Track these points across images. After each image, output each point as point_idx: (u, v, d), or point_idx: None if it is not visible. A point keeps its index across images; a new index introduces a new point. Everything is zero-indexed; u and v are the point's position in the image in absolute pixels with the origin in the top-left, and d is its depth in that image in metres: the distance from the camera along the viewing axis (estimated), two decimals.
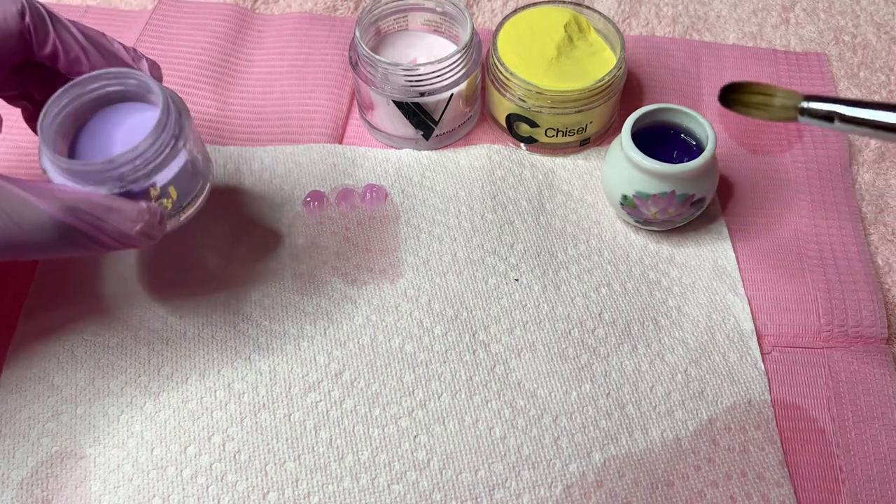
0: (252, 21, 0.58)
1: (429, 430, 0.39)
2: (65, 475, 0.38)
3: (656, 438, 0.39)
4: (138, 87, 0.37)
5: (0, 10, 0.34)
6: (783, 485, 0.38)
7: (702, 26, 0.58)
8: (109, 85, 0.37)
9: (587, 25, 0.50)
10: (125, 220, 0.33)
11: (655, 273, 0.45)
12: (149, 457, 0.38)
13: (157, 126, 0.35)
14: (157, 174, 0.35)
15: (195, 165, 0.38)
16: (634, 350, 0.42)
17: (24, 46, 0.36)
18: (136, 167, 0.34)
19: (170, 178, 0.36)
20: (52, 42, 0.36)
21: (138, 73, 0.36)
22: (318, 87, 0.54)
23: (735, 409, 0.40)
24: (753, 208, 0.48)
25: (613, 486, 0.38)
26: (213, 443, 0.39)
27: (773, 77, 0.54)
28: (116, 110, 0.38)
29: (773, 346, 0.43)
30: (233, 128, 0.52)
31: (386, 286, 0.44)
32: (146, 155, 0.34)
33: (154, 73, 0.38)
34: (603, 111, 0.49)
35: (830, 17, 0.58)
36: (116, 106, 0.38)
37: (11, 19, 0.34)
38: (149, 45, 0.55)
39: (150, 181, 0.35)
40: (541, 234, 0.46)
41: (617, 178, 0.44)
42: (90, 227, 0.32)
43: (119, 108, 0.38)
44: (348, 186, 0.48)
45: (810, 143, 0.51)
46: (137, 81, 0.37)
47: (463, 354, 0.42)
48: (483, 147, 0.50)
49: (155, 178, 0.35)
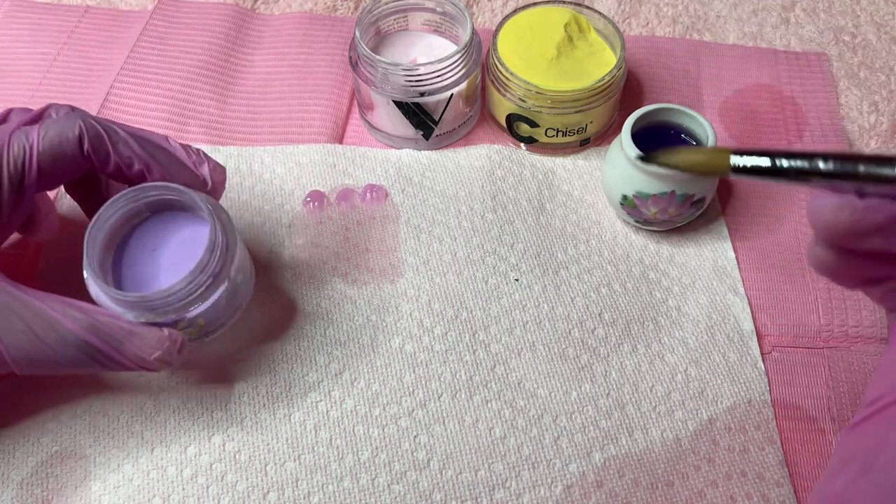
0: (252, 21, 0.58)
1: (429, 430, 0.39)
2: (65, 475, 0.38)
3: (656, 438, 0.39)
4: (192, 202, 0.36)
5: (59, 136, 0.35)
6: (783, 485, 0.38)
7: (702, 26, 0.58)
8: (163, 195, 0.37)
9: (587, 25, 0.50)
10: (145, 346, 0.34)
11: (655, 273, 0.45)
12: (149, 457, 0.38)
13: (197, 267, 0.34)
14: (187, 310, 0.35)
15: (232, 296, 0.37)
16: (634, 350, 0.42)
17: (85, 166, 0.36)
18: (168, 303, 0.34)
19: (200, 312, 0.36)
20: (114, 162, 0.36)
21: (193, 193, 0.36)
22: (318, 87, 0.53)
23: (735, 410, 0.40)
24: (753, 208, 0.48)
25: (613, 485, 0.38)
26: (213, 443, 0.39)
27: (773, 77, 0.54)
28: (168, 219, 0.38)
29: (773, 346, 0.43)
30: (233, 128, 0.52)
31: (386, 286, 0.44)
32: (179, 294, 0.34)
33: (215, 175, 0.38)
34: (603, 111, 0.49)
35: (830, 17, 0.58)
36: (170, 214, 0.38)
37: (69, 144, 0.35)
38: (149, 45, 0.55)
39: (180, 316, 0.35)
40: (541, 233, 0.46)
41: (617, 178, 0.44)
42: (110, 349, 0.33)
43: (172, 217, 0.38)
44: (348, 186, 0.48)
45: (810, 144, 0.51)
46: (191, 199, 0.36)
47: (463, 354, 0.42)
48: (483, 147, 0.50)
49: (185, 313, 0.35)
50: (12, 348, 0.33)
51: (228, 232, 0.36)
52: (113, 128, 0.36)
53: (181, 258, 0.36)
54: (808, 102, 0.53)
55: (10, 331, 0.32)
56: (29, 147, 0.34)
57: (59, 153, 0.35)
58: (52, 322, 0.33)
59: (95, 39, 0.57)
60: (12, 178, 0.34)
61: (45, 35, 0.57)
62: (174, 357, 0.35)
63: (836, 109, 0.53)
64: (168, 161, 0.37)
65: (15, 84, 0.54)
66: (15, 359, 0.33)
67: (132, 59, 0.54)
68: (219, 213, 0.36)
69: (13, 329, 0.32)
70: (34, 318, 0.33)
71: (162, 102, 0.52)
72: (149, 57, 0.54)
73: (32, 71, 0.54)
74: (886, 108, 0.53)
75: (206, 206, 0.35)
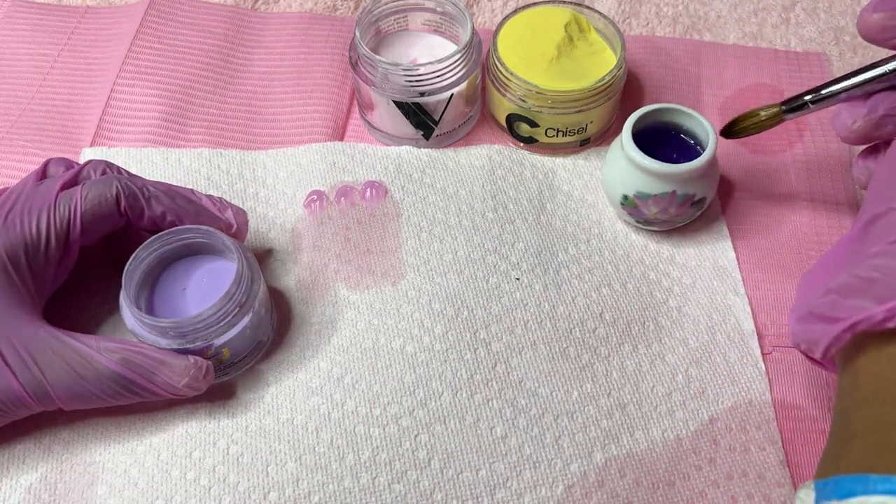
0: (252, 21, 0.58)
1: (429, 430, 0.39)
2: (73, 480, 0.38)
3: (657, 438, 0.39)
4: (220, 243, 0.40)
5: (99, 197, 0.39)
6: (784, 485, 0.38)
7: (702, 26, 0.58)
8: (194, 238, 0.40)
9: (587, 25, 0.50)
10: (174, 374, 0.37)
11: (656, 273, 0.45)
12: (155, 461, 0.38)
13: (225, 296, 0.38)
14: (215, 337, 0.38)
15: (255, 328, 0.40)
16: (635, 350, 0.42)
17: (121, 222, 0.40)
18: (197, 329, 0.37)
19: (225, 341, 0.39)
20: (148, 217, 0.40)
21: (222, 236, 0.40)
22: (318, 87, 0.53)
23: (736, 410, 0.40)
24: (754, 208, 0.48)
25: (614, 485, 0.38)
26: (217, 447, 0.39)
27: (773, 77, 0.54)
28: (195, 261, 0.41)
29: (773, 346, 0.43)
30: (232, 128, 0.52)
31: (388, 289, 0.44)
32: (209, 321, 0.37)
33: (239, 217, 0.42)
34: (603, 111, 0.49)
35: (831, 16, 0.58)
36: (197, 257, 0.41)
37: (108, 204, 0.39)
38: (147, 44, 0.55)
39: (209, 343, 0.38)
40: (541, 233, 0.46)
41: (617, 179, 0.44)
42: (142, 379, 0.37)
43: (198, 259, 0.41)
44: (348, 184, 0.48)
45: (811, 143, 0.51)
46: (219, 240, 0.40)
47: (464, 353, 0.42)
48: (483, 147, 0.50)
49: (213, 340, 0.38)
50: (57, 387, 0.36)
51: (252, 267, 0.40)
52: (146, 186, 0.40)
53: (208, 295, 0.39)
54: None
55: (54, 371, 0.36)
56: (73, 208, 0.38)
57: (99, 212, 0.39)
58: (90, 359, 0.36)
59: (96, 40, 0.57)
60: (59, 236, 0.38)
61: (46, 36, 0.56)
62: (201, 382, 0.38)
63: None
64: (196, 211, 0.41)
65: (16, 85, 0.54)
66: (60, 396, 0.36)
67: (131, 58, 0.54)
68: (244, 251, 0.40)
69: (56, 369, 0.36)
70: (74, 357, 0.36)
71: (162, 103, 0.52)
72: (148, 56, 0.54)
73: (33, 72, 0.54)
74: None
75: (233, 244, 0.39)
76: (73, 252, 0.40)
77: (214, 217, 0.41)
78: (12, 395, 0.35)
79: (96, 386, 0.36)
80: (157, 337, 0.38)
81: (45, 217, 0.38)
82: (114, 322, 0.43)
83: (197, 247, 0.41)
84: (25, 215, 0.38)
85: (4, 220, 0.38)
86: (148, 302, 0.40)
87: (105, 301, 0.43)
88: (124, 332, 0.41)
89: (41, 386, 0.35)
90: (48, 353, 0.36)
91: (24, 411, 0.37)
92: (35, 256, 0.38)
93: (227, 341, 0.39)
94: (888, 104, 0.37)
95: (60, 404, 0.36)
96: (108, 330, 0.43)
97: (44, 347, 0.36)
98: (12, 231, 0.37)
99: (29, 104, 0.53)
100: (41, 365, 0.36)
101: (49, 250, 0.38)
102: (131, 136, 0.51)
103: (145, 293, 0.40)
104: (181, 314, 0.39)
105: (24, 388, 0.35)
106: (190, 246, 0.41)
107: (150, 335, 0.38)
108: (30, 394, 0.35)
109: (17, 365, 0.35)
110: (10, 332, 0.36)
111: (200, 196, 0.42)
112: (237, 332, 0.39)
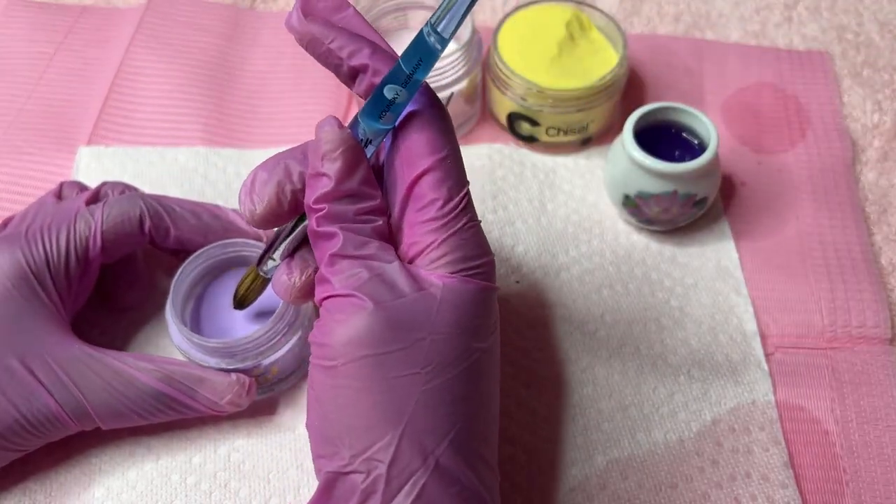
0: (250, 19, 0.57)
1: None
2: (69, 483, 0.38)
3: (659, 440, 0.39)
4: None
5: (121, 215, 0.38)
6: (788, 486, 0.38)
7: (704, 24, 0.58)
8: (241, 251, 0.40)
9: (589, 23, 0.50)
10: (215, 391, 0.37)
11: (658, 274, 0.45)
12: (154, 465, 0.38)
13: (276, 315, 0.37)
14: (265, 357, 0.38)
15: (303, 346, 0.39)
16: (636, 351, 0.42)
17: (142, 242, 0.40)
18: (248, 349, 0.37)
19: (273, 360, 0.38)
20: (174, 237, 0.39)
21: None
22: (316, 86, 0.53)
23: (739, 411, 0.40)
24: (756, 208, 0.48)
25: (617, 488, 0.38)
26: (218, 454, 0.38)
27: (775, 75, 0.54)
28: (235, 276, 0.40)
29: (776, 346, 0.43)
30: (231, 128, 0.51)
31: None
32: (260, 341, 0.37)
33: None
34: (604, 110, 0.48)
35: (833, 15, 0.58)
36: (235, 271, 0.41)
37: (130, 223, 0.39)
38: (145, 43, 0.55)
39: (256, 362, 0.37)
40: (542, 235, 0.46)
41: (619, 178, 0.44)
42: (184, 396, 0.36)
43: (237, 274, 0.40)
44: None
45: (813, 143, 0.51)
46: None
47: None
48: (484, 146, 0.50)
49: (261, 360, 0.38)
50: (97, 406, 0.35)
51: None
52: (170, 206, 0.40)
53: (254, 309, 0.38)
54: (811, 101, 0.53)
55: (93, 390, 0.35)
56: (94, 225, 0.38)
57: (121, 231, 0.38)
58: (129, 377, 0.35)
59: (92, 39, 0.56)
60: (78, 253, 0.37)
61: (42, 34, 0.56)
62: (244, 399, 0.37)
63: (838, 108, 0.52)
64: (224, 227, 0.40)
65: (12, 84, 0.53)
66: (100, 415, 0.35)
67: (129, 58, 0.54)
68: None
69: (95, 388, 0.35)
70: (113, 376, 0.35)
71: (161, 102, 0.51)
72: (146, 55, 0.54)
73: (30, 70, 0.54)
74: (890, 106, 0.53)
75: None
76: (94, 270, 0.39)
77: (242, 231, 0.41)
78: (50, 415, 0.35)
79: (137, 404, 0.35)
80: (204, 356, 0.37)
81: (64, 233, 0.37)
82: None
83: (241, 260, 0.40)
84: (46, 231, 0.37)
85: (26, 236, 0.37)
86: (193, 317, 0.39)
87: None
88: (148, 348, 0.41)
89: (80, 405, 0.35)
90: (85, 371, 0.35)
91: (62, 432, 0.36)
92: (58, 273, 0.37)
93: (276, 360, 0.38)
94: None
95: (100, 423, 0.36)
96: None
97: (80, 366, 0.35)
98: (35, 247, 0.37)
99: (25, 102, 0.52)
100: (79, 384, 0.35)
101: (69, 267, 0.37)
102: (128, 134, 0.50)
103: (189, 307, 0.40)
104: (227, 329, 0.39)
105: (62, 409, 0.35)
106: (235, 259, 0.40)
107: (197, 353, 0.37)
108: (69, 414, 0.35)
109: (54, 385, 0.35)
110: (45, 351, 0.35)
111: (226, 211, 0.41)
112: (286, 351, 0.38)
